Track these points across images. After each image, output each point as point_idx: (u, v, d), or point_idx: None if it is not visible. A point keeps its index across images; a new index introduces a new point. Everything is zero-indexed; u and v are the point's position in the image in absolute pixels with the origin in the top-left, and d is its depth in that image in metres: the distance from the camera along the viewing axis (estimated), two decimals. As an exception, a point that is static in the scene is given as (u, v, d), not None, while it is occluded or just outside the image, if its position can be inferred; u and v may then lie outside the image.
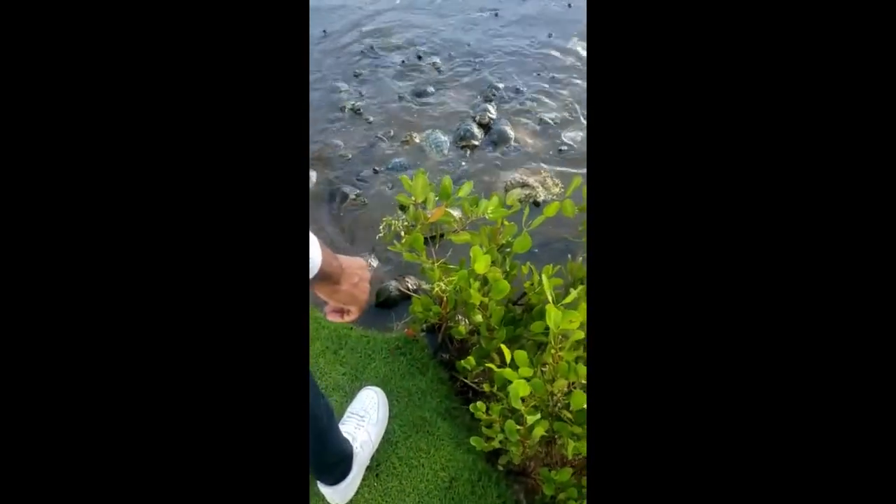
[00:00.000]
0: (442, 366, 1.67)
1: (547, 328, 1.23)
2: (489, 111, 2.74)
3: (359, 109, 2.77)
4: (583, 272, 1.66)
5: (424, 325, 1.85)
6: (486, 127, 2.69)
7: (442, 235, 1.62)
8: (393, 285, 2.03)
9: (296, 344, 0.54)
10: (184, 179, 0.51)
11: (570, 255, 1.80)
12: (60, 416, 0.48)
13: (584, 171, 2.45)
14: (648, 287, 0.54)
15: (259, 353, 0.53)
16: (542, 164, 2.51)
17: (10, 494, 0.46)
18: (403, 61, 3.07)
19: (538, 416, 1.14)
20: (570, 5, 3.46)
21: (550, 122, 2.72)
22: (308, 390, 0.77)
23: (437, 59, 3.12)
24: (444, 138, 2.64)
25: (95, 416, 0.49)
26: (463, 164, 2.53)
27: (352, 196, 2.36)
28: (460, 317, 1.72)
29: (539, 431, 1.16)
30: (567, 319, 1.16)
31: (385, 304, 1.99)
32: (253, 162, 0.53)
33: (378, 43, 3.25)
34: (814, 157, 0.51)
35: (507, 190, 2.42)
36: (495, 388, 1.44)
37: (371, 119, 2.75)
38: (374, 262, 2.11)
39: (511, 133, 2.64)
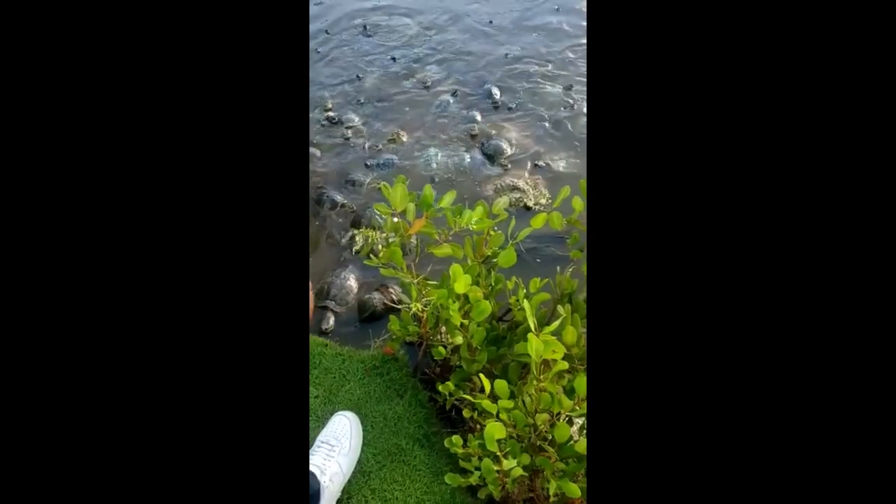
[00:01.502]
0: (423, 385, 1.58)
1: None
2: (477, 118, 2.64)
3: (335, 119, 2.65)
4: (571, 286, 1.56)
5: (406, 339, 1.76)
6: (475, 136, 2.58)
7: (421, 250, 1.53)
8: (377, 297, 1.93)
9: (295, 357, 0.54)
10: (182, 185, 0.51)
11: (558, 267, 1.71)
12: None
13: (571, 181, 2.36)
14: (651, 303, 0.53)
15: (258, 364, 0.53)
16: (534, 168, 2.41)
17: (10, 494, 0.46)
18: (394, 58, 2.96)
19: (515, 462, 1.05)
20: (558, 8, 3.34)
21: (541, 124, 2.62)
22: (307, 406, 0.73)
23: (429, 68, 3.01)
24: (436, 152, 2.52)
25: (86, 421, 0.49)
26: (453, 173, 2.43)
27: (341, 202, 2.26)
28: (442, 334, 1.63)
29: (517, 472, 1.07)
30: (549, 349, 1.07)
31: (370, 319, 1.88)
32: (252, 165, 0.53)
33: (367, 41, 3.14)
34: (816, 159, 0.50)
35: (496, 193, 2.32)
36: (476, 414, 1.35)
37: (362, 140, 2.64)
38: (353, 281, 2.00)
39: (504, 143, 2.53)
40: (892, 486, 0.46)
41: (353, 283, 1.99)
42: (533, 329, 1.10)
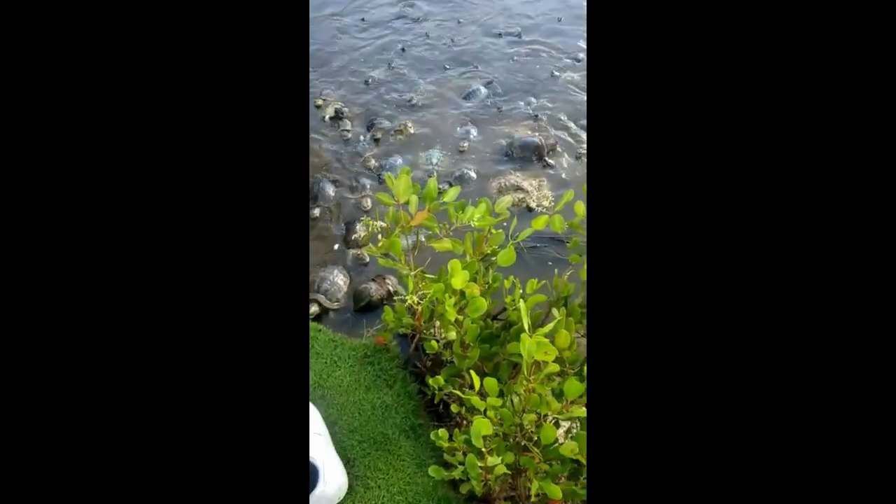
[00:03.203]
0: (412, 377, 1.59)
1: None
2: (485, 116, 2.64)
3: (341, 114, 2.65)
4: (568, 290, 1.57)
5: (399, 330, 1.77)
6: (480, 134, 2.58)
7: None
8: (373, 287, 1.93)
9: (296, 342, 0.54)
10: (184, 181, 0.51)
11: (556, 270, 1.72)
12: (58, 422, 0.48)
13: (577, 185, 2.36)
14: (652, 306, 0.52)
15: (259, 351, 0.53)
16: (540, 170, 2.41)
17: (10, 494, 0.46)
18: (403, 48, 2.96)
19: (500, 459, 1.06)
20: (559, 20, 3.30)
21: (557, 126, 2.63)
22: (307, 391, 0.74)
23: (445, 63, 3.00)
24: (439, 149, 2.51)
25: (94, 411, 0.49)
26: (461, 168, 2.43)
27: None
28: (435, 328, 1.64)
29: (501, 469, 1.08)
30: (541, 351, 1.08)
31: (365, 309, 1.88)
32: (252, 163, 0.53)
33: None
34: (818, 171, 0.50)
35: (499, 192, 2.33)
36: (464, 410, 1.36)
37: (363, 135, 2.63)
38: (343, 278, 1.98)
39: (533, 140, 2.51)
40: (892, 486, 0.47)
41: (342, 279, 1.97)
42: (527, 329, 1.11)
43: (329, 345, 1.55)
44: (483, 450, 1.06)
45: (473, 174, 2.36)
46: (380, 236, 2.09)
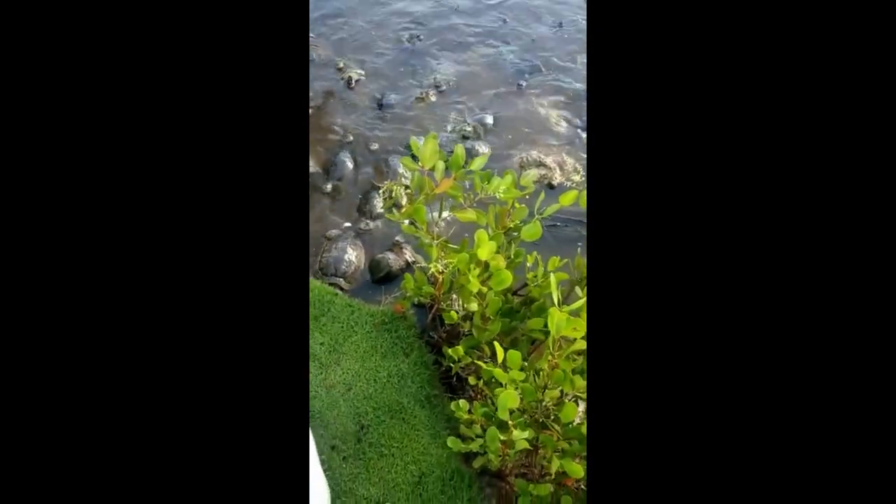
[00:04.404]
0: (428, 347, 1.57)
1: (546, 329, 1.13)
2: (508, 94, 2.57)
3: (356, 81, 2.59)
4: (591, 269, 1.53)
5: (417, 300, 1.73)
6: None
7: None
8: (391, 257, 1.89)
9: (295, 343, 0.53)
10: (186, 167, 0.51)
11: (578, 248, 1.68)
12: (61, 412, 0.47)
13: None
14: (652, 292, 0.52)
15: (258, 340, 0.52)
16: (565, 145, 2.36)
17: (10, 494, 0.46)
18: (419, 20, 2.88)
19: (525, 434, 1.04)
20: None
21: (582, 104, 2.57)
22: (307, 383, 0.73)
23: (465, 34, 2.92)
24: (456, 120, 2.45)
25: (91, 408, 0.48)
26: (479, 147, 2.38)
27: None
28: (454, 299, 1.61)
29: (523, 444, 1.06)
30: (571, 326, 1.05)
31: (385, 279, 1.84)
32: (253, 144, 0.53)
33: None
34: (814, 155, 0.49)
35: (521, 167, 2.28)
36: (481, 383, 1.34)
37: (382, 101, 2.57)
38: (353, 251, 1.93)
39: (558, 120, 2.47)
40: (892, 486, 0.45)
41: (354, 253, 1.92)
42: (556, 303, 1.08)
43: (346, 309, 1.53)
44: (509, 422, 1.04)
45: (491, 149, 2.31)
46: (403, 202, 2.06)
